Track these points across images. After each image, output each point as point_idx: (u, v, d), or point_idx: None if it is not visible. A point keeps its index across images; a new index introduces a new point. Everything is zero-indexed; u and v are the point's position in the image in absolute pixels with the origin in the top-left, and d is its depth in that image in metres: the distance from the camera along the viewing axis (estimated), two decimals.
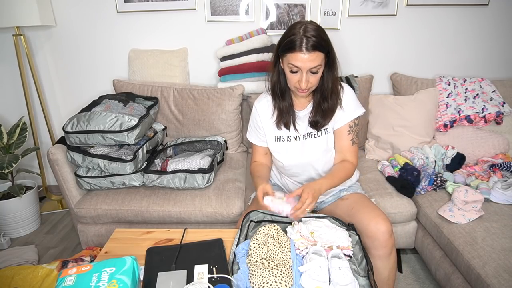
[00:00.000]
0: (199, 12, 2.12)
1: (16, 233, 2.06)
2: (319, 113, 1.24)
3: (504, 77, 2.25)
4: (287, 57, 1.11)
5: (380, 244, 1.18)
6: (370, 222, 1.19)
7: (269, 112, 1.32)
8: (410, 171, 1.67)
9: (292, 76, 1.14)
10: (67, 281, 0.79)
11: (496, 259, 1.19)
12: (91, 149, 1.64)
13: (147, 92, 2.04)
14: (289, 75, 1.15)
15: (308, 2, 2.06)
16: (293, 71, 1.13)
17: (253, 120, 1.38)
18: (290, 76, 1.15)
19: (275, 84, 1.26)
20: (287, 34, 1.12)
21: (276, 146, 1.33)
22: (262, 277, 0.89)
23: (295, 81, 1.15)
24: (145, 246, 1.10)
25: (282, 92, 1.26)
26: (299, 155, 1.31)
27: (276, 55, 1.20)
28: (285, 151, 1.32)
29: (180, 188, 1.67)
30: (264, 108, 1.33)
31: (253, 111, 1.37)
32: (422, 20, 2.13)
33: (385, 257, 1.20)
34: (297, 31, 1.09)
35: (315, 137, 1.29)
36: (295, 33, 1.09)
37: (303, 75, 1.11)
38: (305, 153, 1.30)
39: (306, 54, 1.08)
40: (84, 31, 2.17)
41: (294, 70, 1.12)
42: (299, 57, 1.08)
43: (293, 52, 1.09)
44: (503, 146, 1.84)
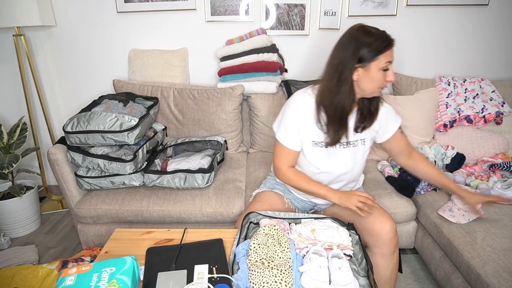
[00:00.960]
0: (199, 12, 2.12)
1: (16, 233, 2.06)
2: (368, 116, 1.24)
3: (504, 77, 2.25)
4: (380, 59, 1.09)
5: (384, 243, 1.19)
6: (375, 220, 1.21)
7: (312, 118, 1.23)
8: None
9: (383, 76, 1.13)
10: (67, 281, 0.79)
11: (496, 259, 1.19)
12: (91, 149, 1.64)
13: (147, 92, 2.04)
14: (380, 76, 1.12)
15: (308, 2, 2.06)
16: (385, 69, 1.12)
17: (292, 123, 1.25)
18: (381, 77, 1.12)
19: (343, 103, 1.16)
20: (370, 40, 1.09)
21: (313, 152, 1.28)
22: (262, 277, 0.89)
23: (384, 79, 1.13)
24: (145, 246, 1.10)
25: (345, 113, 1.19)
26: (336, 162, 1.29)
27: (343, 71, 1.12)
28: (323, 157, 1.28)
29: (180, 188, 1.67)
30: (308, 113, 1.23)
31: (293, 114, 1.24)
32: (422, 20, 2.13)
33: (389, 256, 1.21)
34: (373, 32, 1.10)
35: (353, 146, 1.28)
36: (375, 33, 1.10)
37: (392, 67, 1.14)
38: (342, 161, 1.29)
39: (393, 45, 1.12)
40: (84, 31, 2.17)
41: (386, 68, 1.12)
42: (392, 50, 1.11)
43: (389, 49, 1.10)
44: (502, 146, 1.84)
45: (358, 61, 1.11)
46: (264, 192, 1.44)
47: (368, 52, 1.09)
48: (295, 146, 1.28)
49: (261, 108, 2.03)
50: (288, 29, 2.14)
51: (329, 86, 1.17)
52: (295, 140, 1.27)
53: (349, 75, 1.13)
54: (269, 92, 2.03)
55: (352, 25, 1.16)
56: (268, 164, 1.90)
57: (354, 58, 1.11)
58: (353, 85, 1.15)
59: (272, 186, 1.46)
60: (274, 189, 1.44)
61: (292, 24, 2.13)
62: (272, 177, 1.52)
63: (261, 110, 2.04)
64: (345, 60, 1.12)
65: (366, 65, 1.11)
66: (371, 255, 1.23)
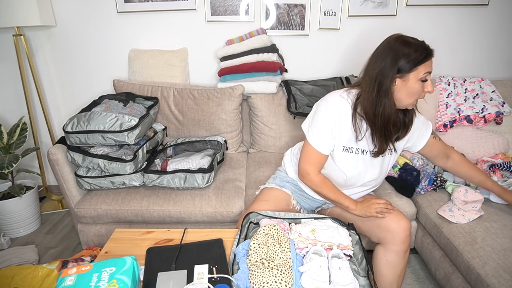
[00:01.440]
0: (199, 12, 2.12)
1: (16, 233, 2.06)
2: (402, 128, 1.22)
3: (504, 77, 2.25)
4: (420, 69, 1.08)
5: (400, 240, 1.21)
6: (392, 218, 1.22)
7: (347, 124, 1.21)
8: (409, 171, 1.67)
9: (421, 87, 1.11)
10: (67, 281, 0.79)
11: (496, 259, 1.19)
12: (91, 149, 1.64)
13: (147, 92, 2.04)
14: (419, 88, 1.10)
15: (308, 2, 2.06)
16: (424, 80, 1.10)
17: (326, 126, 1.20)
18: (420, 88, 1.10)
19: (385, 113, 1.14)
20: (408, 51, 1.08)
21: (342, 157, 1.26)
22: (262, 277, 0.89)
23: (422, 90, 1.12)
24: (145, 246, 1.10)
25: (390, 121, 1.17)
26: (362, 170, 1.28)
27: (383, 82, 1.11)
28: (352, 164, 1.27)
29: (180, 188, 1.67)
30: (342, 115, 1.20)
31: (328, 117, 1.20)
32: (422, 20, 2.13)
33: (403, 253, 1.23)
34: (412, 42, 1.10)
35: (382, 156, 1.26)
36: (414, 44, 1.09)
37: (430, 79, 1.12)
38: (370, 168, 1.28)
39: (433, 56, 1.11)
40: (84, 31, 2.17)
41: (425, 79, 1.10)
42: (431, 61, 1.10)
43: (429, 59, 1.09)
44: (503, 146, 1.84)
45: (398, 71, 1.09)
46: (272, 189, 1.43)
47: (407, 63, 1.08)
48: (325, 150, 1.24)
49: (261, 108, 2.03)
50: (288, 29, 2.14)
51: (370, 97, 1.14)
52: (327, 144, 1.23)
53: (390, 86, 1.11)
54: (269, 92, 2.03)
55: (389, 35, 1.15)
56: (268, 164, 1.90)
57: (393, 68, 1.09)
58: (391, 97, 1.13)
59: (282, 184, 1.44)
60: (283, 187, 1.43)
61: (292, 24, 2.13)
62: (283, 173, 1.49)
63: (261, 110, 2.04)
64: (384, 70, 1.10)
65: (404, 75, 1.09)
66: (384, 251, 1.24)
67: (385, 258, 1.24)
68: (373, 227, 1.25)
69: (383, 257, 1.25)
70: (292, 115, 2.01)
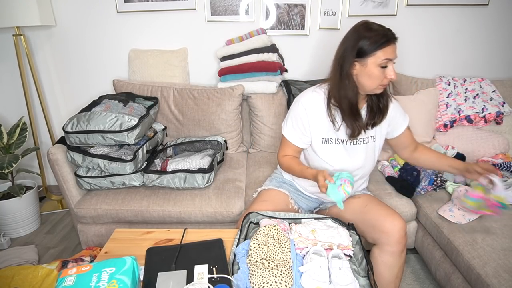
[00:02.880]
0: (199, 12, 2.12)
1: (16, 233, 2.06)
2: (378, 112, 1.25)
3: (504, 77, 2.25)
4: (378, 54, 1.10)
5: (395, 240, 1.20)
6: (386, 218, 1.22)
7: (320, 116, 1.25)
8: (409, 171, 1.67)
9: (381, 73, 1.12)
10: (67, 281, 0.79)
11: (496, 259, 1.19)
12: (91, 149, 1.64)
13: (147, 92, 2.04)
14: (378, 73, 1.12)
15: (308, 2, 2.06)
16: (383, 66, 1.12)
17: (298, 120, 1.27)
18: (379, 73, 1.12)
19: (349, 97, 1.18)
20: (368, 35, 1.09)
21: (324, 149, 1.29)
22: (262, 277, 0.89)
23: (383, 77, 1.13)
24: (145, 246, 1.10)
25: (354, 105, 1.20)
26: (347, 159, 1.29)
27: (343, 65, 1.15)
28: (334, 154, 1.29)
29: (180, 188, 1.67)
30: (316, 111, 1.25)
31: (300, 111, 1.26)
32: (422, 20, 2.13)
33: (398, 254, 1.22)
34: (375, 28, 1.11)
35: (364, 143, 1.29)
36: (376, 29, 1.10)
37: (392, 66, 1.13)
38: (353, 158, 1.30)
39: (395, 43, 1.11)
40: (84, 31, 2.17)
41: (385, 65, 1.11)
42: (392, 48, 1.10)
43: (388, 45, 1.09)
44: (503, 146, 1.84)
45: (357, 55, 1.12)
46: (269, 190, 1.44)
47: (365, 47, 1.10)
48: (299, 143, 1.31)
49: (261, 108, 2.03)
50: (288, 29, 2.14)
51: (334, 80, 1.20)
52: (300, 136, 1.30)
53: (349, 69, 1.15)
54: (269, 92, 2.03)
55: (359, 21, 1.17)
56: (268, 164, 1.90)
57: (352, 52, 1.13)
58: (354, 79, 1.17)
59: (278, 184, 1.46)
60: (280, 187, 1.44)
61: (292, 24, 2.13)
62: (279, 174, 1.52)
63: (261, 110, 2.04)
64: (345, 54, 1.15)
65: (363, 60, 1.12)
66: (380, 252, 1.24)
67: (381, 259, 1.23)
68: (368, 227, 1.25)
69: (379, 258, 1.24)
70: None
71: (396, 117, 1.32)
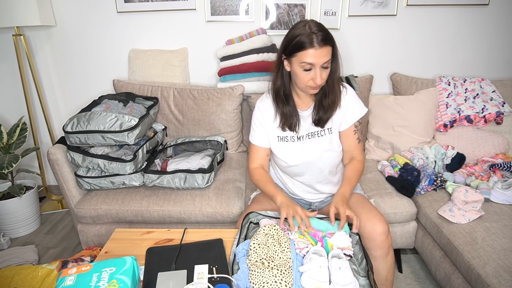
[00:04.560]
0: (199, 12, 2.12)
1: (16, 233, 2.06)
2: (321, 109, 1.25)
3: (504, 77, 2.25)
4: (298, 56, 1.10)
5: (376, 245, 1.18)
6: (366, 223, 1.19)
7: (272, 114, 1.31)
8: (410, 171, 1.67)
9: (305, 75, 1.13)
10: (67, 281, 0.79)
11: (496, 259, 1.19)
12: (91, 149, 1.64)
13: (147, 92, 2.04)
14: (301, 74, 1.13)
15: (308, 2, 2.06)
16: (306, 69, 1.12)
17: (256, 121, 1.34)
18: (302, 75, 1.13)
19: (279, 88, 1.25)
20: (294, 34, 1.11)
21: (279, 147, 1.32)
22: (262, 277, 0.89)
23: (308, 79, 1.13)
24: (145, 246, 1.10)
25: (286, 96, 1.25)
26: (302, 154, 1.30)
27: (279, 59, 1.20)
28: (289, 151, 1.31)
29: (180, 188, 1.67)
30: (267, 109, 1.32)
31: (256, 112, 1.34)
32: (422, 20, 2.13)
33: (382, 258, 1.20)
34: (303, 30, 1.09)
35: (318, 136, 1.29)
36: (302, 32, 1.09)
37: (317, 71, 1.11)
38: (308, 152, 1.30)
39: (318, 49, 1.08)
40: (84, 31, 2.17)
41: (307, 68, 1.11)
42: (312, 53, 1.08)
43: (306, 49, 1.08)
44: (503, 146, 1.84)
45: (285, 53, 1.15)
46: (261, 193, 1.45)
47: (289, 46, 1.12)
48: (263, 143, 1.35)
49: None
50: (288, 29, 2.13)
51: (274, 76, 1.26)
52: (262, 137, 1.34)
53: (278, 63, 1.21)
54: None
55: None
56: None
57: (282, 48, 1.17)
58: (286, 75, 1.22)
59: None
60: None
61: (292, 24, 2.12)
62: None
63: None
64: (281, 49, 1.19)
65: (289, 58, 1.15)
66: None
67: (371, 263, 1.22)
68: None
69: None
70: None
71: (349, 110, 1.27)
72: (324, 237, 1.07)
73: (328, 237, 1.06)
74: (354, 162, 1.32)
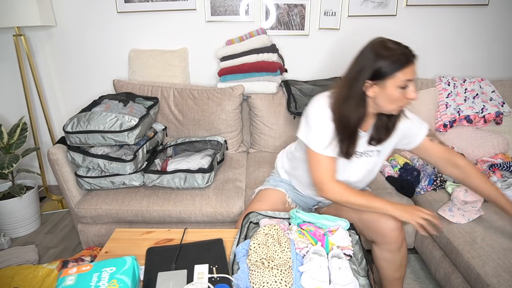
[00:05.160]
0: (199, 12, 2.13)
1: (16, 233, 2.06)
2: (383, 130, 1.19)
3: (504, 77, 2.25)
4: (397, 76, 1.02)
5: (390, 241, 1.20)
6: (380, 219, 1.20)
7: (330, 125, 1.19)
8: (409, 171, 1.67)
9: (400, 94, 1.05)
10: (68, 281, 0.79)
11: (495, 259, 1.19)
12: (91, 149, 1.64)
13: (147, 92, 2.04)
14: (397, 95, 1.05)
15: (308, 2, 2.07)
16: (403, 87, 1.05)
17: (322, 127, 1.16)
18: (398, 95, 1.05)
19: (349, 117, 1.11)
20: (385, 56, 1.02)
21: None
22: (262, 277, 0.89)
23: (403, 97, 1.06)
24: (145, 246, 1.10)
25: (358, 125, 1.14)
26: (346, 172, 1.25)
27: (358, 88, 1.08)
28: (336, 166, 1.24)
29: (180, 188, 1.67)
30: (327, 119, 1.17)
31: (325, 120, 1.16)
32: (422, 20, 2.13)
33: (396, 250, 1.23)
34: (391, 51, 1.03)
35: (367, 156, 1.25)
36: (393, 52, 1.02)
37: (413, 86, 1.06)
38: (353, 171, 1.26)
39: (415, 63, 1.05)
40: (84, 31, 2.18)
41: (404, 86, 1.04)
42: (412, 68, 1.04)
43: (407, 67, 1.02)
44: (502, 146, 1.85)
45: (374, 77, 1.05)
46: (266, 189, 1.44)
47: (384, 68, 1.03)
48: (330, 152, 1.18)
49: (261, 108, 2.04)
50: (288, 29, 2.14)
51: (338, 97, 1.13)
52: (331, 145, 1.17)
53: (359, 89, 1.08)
54: (269, 92, 2.03)
55: (373, 38, 1.10)
56: (268, 164, 1.90)
57: (367, 73, 1.05)
58: (365, 101, 1.10)
59: (275, 184, 1.45)
60: (277, 186, 1.44)
61: (292, 24, 2.13)
62: (276, 174, 1.51)
63: (261, 110, 2.04)
64: (359, 74, 1.07)
65: (381, 82, 1.05)
66: (379, 249, 1.25)
67: (381, 256, 1.25)
68: (364, 228, 1.25)
69: (379, 255, 1.27)
70: (292, 115, 2.01)
71: (410, 129, 1.24)
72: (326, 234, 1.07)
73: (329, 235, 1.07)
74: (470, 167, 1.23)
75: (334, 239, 1.05)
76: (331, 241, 1.04)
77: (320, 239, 1.06)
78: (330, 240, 1.04)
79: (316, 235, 1.07)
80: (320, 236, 1.07)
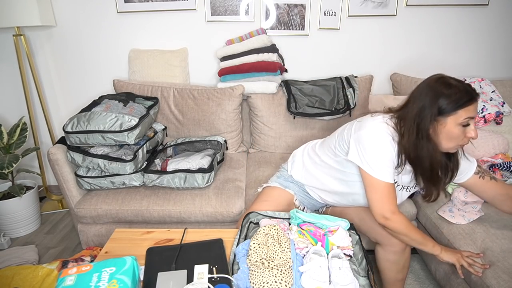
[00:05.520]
0: (199, 12, 2.12)
1: (16, 233, 2.06)
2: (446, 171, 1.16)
3: (504, 77, 2.25)
4: (460, 114, 1.02)
5: (396, 242, 1.21)
6: None
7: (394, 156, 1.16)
8: None
9: (461, 132, 1.04)
10: (67, 281, 0.79)
11: (495, 260, 1.19)
12: (91, 149, 1.64)
13: (147, 92, 2.04)
14: (458, 133, 1.04)
15: (308, 2, 2.07)
16: (465, 125, 1.04)
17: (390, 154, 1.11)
18: (458, 132, 1.04)
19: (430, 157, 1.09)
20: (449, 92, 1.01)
21: None
22: (262, 277, 0.89)
23: (463, 135, 1.05)
24: (145, 246, 1.10)
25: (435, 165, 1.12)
26: None
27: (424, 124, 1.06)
28: None
29: (180, 188, 1.67)
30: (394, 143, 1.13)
31: (389, 147, 1.11)
32: (422, 20, 2.13)
33: (400, 252, 1.24)
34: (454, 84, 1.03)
35: (406, 190, 1.24)
36: (455, 85, 1.02)
37: (473, 125, 1.05)
38: None
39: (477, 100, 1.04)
40: (84, 31, 2.18)
41: (466, 124, 1.03)
42: (475, 106, 1.03)
43: (470, 104, 1.01)
44: (502, 146, 1.84)
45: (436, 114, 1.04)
46: (274, 188, 1.42)
47: (446, 105, 1.02)
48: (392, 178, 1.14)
49: (261, 108, 2.04)
50: (288, 29, 2.14)
51: (410, 141, 1.09)
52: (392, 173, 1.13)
53: (428, 128, 1.06)
54: (269, 92, 2.03)
55: (431, 75, 1.09)
56: (268, 164, 1.90)
57: (431, 110, 1.04)
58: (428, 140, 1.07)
59: (286, 184, 1.43)
60: (287, 187, 1.42)
61: (292, 24, 2.13)
62: (287, 174, 1.46)
63: (261, 110, 2.04)
64: (423, 112, 1.05)
65: (442, 119, 1.04)
66: (383, 251, 1.26)
67: (385, 257, 1.26)
68: (370, 229, 1.26)
69: (383, 256, 1.27)
70: (292, 115, 2.01)
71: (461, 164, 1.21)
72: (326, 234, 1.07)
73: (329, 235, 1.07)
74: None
75: (334, 239, 1.04)
76: (331, 241, 1.04)
77: (320, 239, 1.06)
78: (330, 240, 1.04)
79: (316, 235, 1.07)
80: (320, 236, 1.06)
